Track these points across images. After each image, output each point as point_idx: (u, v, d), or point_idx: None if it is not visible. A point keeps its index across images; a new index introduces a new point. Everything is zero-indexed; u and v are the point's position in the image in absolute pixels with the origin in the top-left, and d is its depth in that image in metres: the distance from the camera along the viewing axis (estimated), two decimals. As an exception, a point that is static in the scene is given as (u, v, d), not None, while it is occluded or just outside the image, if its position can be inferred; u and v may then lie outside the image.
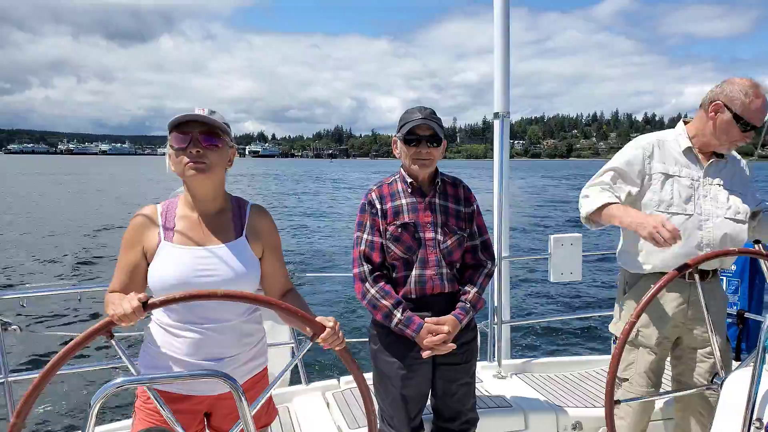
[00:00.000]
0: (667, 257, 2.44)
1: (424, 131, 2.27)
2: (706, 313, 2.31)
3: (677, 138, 2.53)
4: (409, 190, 2.35)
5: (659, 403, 3.02)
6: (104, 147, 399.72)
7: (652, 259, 2.50)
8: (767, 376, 1.92)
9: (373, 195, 2.36)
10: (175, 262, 1.78)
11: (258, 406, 1.64)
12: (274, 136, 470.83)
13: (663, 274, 2.41)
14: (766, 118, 2.34)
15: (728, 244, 2.40)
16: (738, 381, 2.06)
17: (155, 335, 1.84)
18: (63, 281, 12.00)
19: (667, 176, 2.48)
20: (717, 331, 2.42)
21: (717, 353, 2.34)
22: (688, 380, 2.56)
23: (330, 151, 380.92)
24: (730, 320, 3.27)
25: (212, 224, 1.87)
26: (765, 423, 1.86)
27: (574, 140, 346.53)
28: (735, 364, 3.02)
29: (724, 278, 3.34)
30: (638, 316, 2.19)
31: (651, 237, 2.17)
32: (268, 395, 1.70)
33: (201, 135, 1.76)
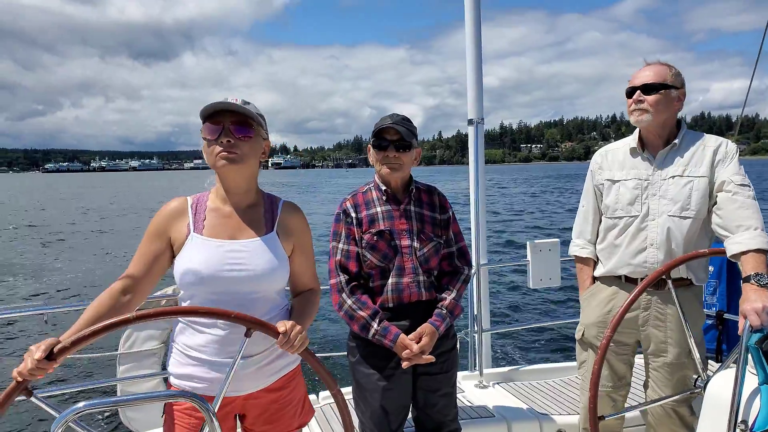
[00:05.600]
0: (614, 260, 2.47)
1: (391, 135, 2.24)
2: (683, 320, 2.29)
3: (626, 143, 2.52)
4: (384, 198, 2.30)
5: (634, 411, 2.94)
6: (134, 164, 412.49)
7: (605, 262, 2.53)
8: (751, 378, 1.87)
9: (348, 204, 2.30)
10: (205, 255, 1.72)
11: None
12: (296, 147, 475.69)
13: (615, 277, 2.48)
14: (644, 81, 2.33)
15: (672, 242, 2.32)
16: (721, 383, 2.01)
17: (180, 334, 1.79)
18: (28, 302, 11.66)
19: (613, 182, 2.48)
20: (677, 340, 2.37)
21: (696, 355, 2.29)
22: (650, 392, 2.50)
23: (349, 161, 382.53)
24: (709, 321, 3.19)
25: (244, 218, 1.81)
26: (750, 425, 1.81)
27: (592, 142, 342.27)
28: (716, 365, 2.94)
29: None
30: (614, 330, 2.19)
31: None
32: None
33: (233, 125, 1.71)
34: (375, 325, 2.17)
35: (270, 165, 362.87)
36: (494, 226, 22.70)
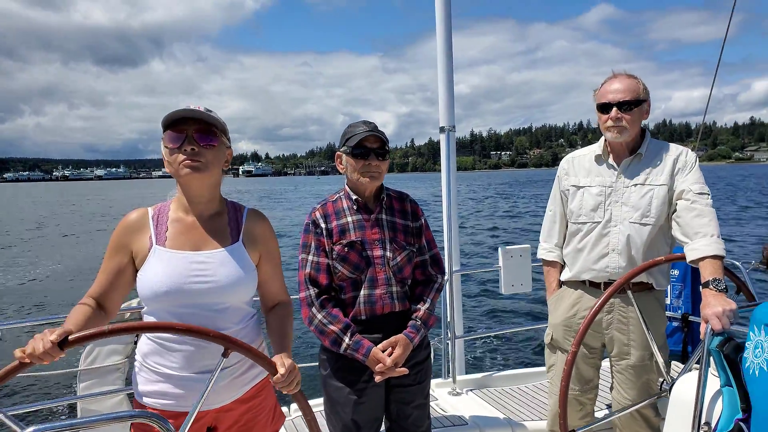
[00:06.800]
0: (578, 265, 2.53)
1: (372, 143, 2.18)
2: (644, 325, 2.34)
3: (592, 150, 2.57)
4: (355, 207, 2.24)
5: (602, 414, 2.98)
6: (99, 172, 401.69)
7: (570, 267, 2.60)
8: (713, 380, 1.89)
9: (317, 214, 2.23)
10: (168, 268, 1.66)
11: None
12: (267, 155, 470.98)
13: (580, 282, 2.55)
14: (620, 98, 2.33)
15: (632, 248, 2.39)
16: (685, 385, 2.04)
17: (147, 350, 1.73)
18: None
19: (578, 188, 2.53)
20: (640, 343, 2.42)
21: (659, 359, 2.34)
22: (615, 394, 2.54)
23: (322, 168, 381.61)
24: (675, 324, 3.26)
25: (207, 228, 1.76)
26: (713, 426, 1.84)
27: (559, 149, 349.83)
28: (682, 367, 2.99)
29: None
30: (580, 340, 2.23)
31: None
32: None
33: (196, 133, 1.66)
34: (347, 340, 2.12)
35: (241, 173, 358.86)
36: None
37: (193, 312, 1.67)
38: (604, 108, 2.38)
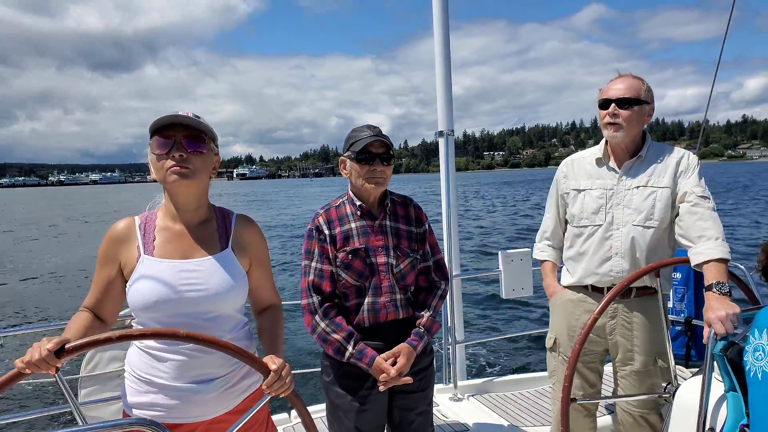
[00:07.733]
0: (581, 270, 2.49)
1: (377, 148, 2.15)
2: (665, 326, 2.30)
3: (592, 153, 2.54)
4: (359, 213, 2.20)
5: (606, 419, 2.94)
6: (95, 177, 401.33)
7: (572, 271, 2.56)
8: (718, 385, 1.86)
9: (321, 220, 2.19)
10: (158, 277, 1.63)
11: None
12: (261, 158, 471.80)
13: (582, 287, 2.52)
14: (616, 94, 2.32)
15: (636, 251, 2.36)
16: (689, 390, 2.01)
17: (137, 360, 1.69)
18: None
19: (579, 191, 2.50)
20: (643, 348, 2.39)
21: (672, 362, 2.31)
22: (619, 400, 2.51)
23: (315, 170, 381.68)
24: (678, 328, 3.23)
25: (196, 236, 1.73)
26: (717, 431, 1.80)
27: (552, 149, 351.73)
28: (684, 370, 2.97)
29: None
30: (582, 343, 2.18)
31: None
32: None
33: (185, 139, 1.63)
34: (350, 348, 2.10)
35: (235, 176, 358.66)
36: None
37: (184, 321, 1.63)
38: (604, 104, 2.37)
